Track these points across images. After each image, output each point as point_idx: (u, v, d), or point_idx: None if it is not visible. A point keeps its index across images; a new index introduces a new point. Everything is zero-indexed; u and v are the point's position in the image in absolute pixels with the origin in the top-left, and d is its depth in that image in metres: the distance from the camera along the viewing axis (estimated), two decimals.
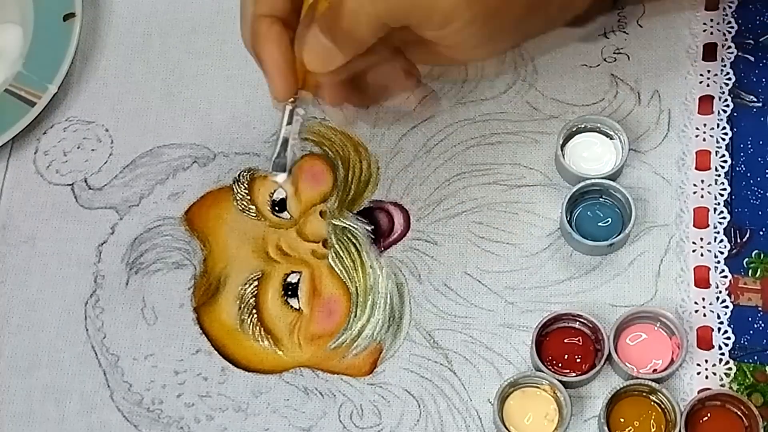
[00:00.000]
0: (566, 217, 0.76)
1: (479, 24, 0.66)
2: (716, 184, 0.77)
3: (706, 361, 0.74)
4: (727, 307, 0.75)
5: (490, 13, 0.65)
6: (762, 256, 0.76)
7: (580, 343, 0.74)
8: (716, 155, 0.78)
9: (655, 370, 0.73)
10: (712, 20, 0.82)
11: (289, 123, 0.71)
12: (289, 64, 0.69)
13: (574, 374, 0.73)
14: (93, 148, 0.82)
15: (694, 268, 0.76)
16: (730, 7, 0.82)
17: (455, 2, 0.64)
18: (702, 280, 0.75)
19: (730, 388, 0.73)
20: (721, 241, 0.76)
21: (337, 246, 0.78)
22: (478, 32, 0.67)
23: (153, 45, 0.85)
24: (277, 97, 0.71)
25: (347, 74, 0.71)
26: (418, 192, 0.79)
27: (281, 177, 0.72)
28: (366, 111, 0.81)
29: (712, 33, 0.81)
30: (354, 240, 0.78)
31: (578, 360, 0.73)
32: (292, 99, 0.71)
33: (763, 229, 0.76)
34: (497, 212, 0.78)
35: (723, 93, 0.80)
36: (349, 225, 0.79)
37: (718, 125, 0.79)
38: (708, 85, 0.80)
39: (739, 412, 0.71)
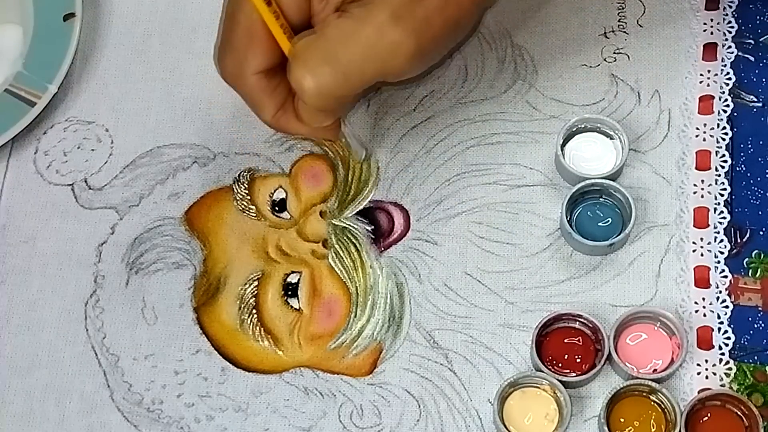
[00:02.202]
0: (566, 217, 0.76)
1: (426, 59, 0.71)
2: (716, 184, 0.77)
3: (706, 361, 0.74)
4: (727, 307, 0.75)
5: (430, 48, 0.70)
6: (762, 256, 0.76)
7: (580, 343, 0.74)
8: (716, 155, 0.78)
9: (655, 370, 0.73)
10: (712, 20, 0.82)
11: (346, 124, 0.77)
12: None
13: (574, 374, 0.73)
14: (93, 148, 0.82)
15: (694, 268, 0.76)
16: (730, 7, 0.82)
17: (406, 60, 0.69)
18: (702, 280, 0.75)
19: (730, 388, 0.73)
20: (721, 241, 0.76)
21: (337, 246, 0.78)
22: (425, 63, 0.72)
23: (153, 45, 0.85)
24: (332, 140, 0.79)
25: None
26: (418, 192, 0.79)
27: (363, 154, 0.79)
28: (366, 111, 0.81)
29: (712, 33, 0.81)
30: (354, 240, 0.78)
31: (578, 360, 0.73)
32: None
33: (763, 229, 0.76)
34: (497, 212, 0.78)
35: (723, 93, 0.80)
36: (349, 225, 0.79)
37: (718, 125, 0.79)
38: (708, 85, 0.80)
39: (739, 412, 0.71)
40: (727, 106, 0.79)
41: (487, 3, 0.75)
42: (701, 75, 0.80)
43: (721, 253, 0.76)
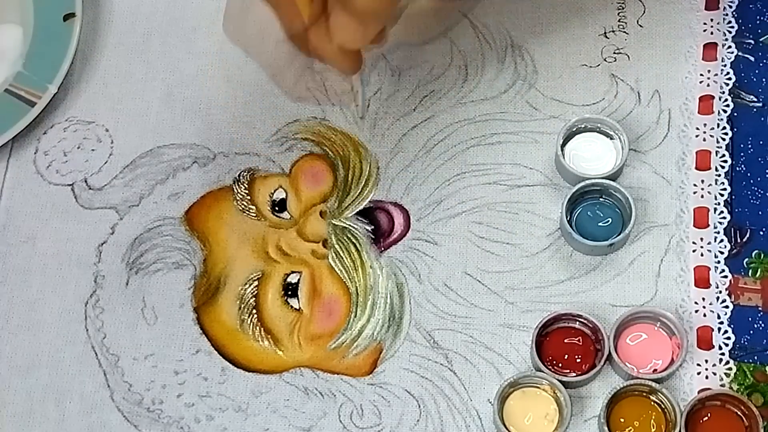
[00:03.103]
0: (566, 217, 0.76)
1: None
2: (716, 184, 0.77)
3: (706, 361, 0.74)
4: (727, 307, 0.75)
5: None
6: (762, 256, 0.76)
7: (580, 343, 0.74)
8: (716, 155, 0.78)
9: (655, 370, 0.73)
10: (712, 20, 0.82)
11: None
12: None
13: (574, 374, 0.73)
14: (93, 148, 0.82)
15: (694, 268, 0.76)
16: (730, 7, 0.82)
17: None
18: (702, 280, 0.75)
19: (730, 388, 0.73)
20: (721, 241, 0.76)
21: (337, 246, 0.78)
22: None
23: (153, 45, 0.85)
24: (353, 73, 0.73)
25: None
26: (418, 192, 0.79)
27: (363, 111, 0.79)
28: (367, 111, 0.81)
29: (712, 33, 0.81)
30: (354, 240, 0.78)
31: (578, 360, 0.73)
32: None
33: (763, 229, 0.76)
34: (497, 212, 0.78)
35: (723, 93, 0.80)
36: (349, 225, 0.79)
37: (718, 125, 0.79)
38: (708, 85, 0.80)
39: (739, 412, 0.71)
40: (727, 106, 0.79)
41: None
42: (701, 75, 0.80)
43: (721, 253, 0.76)
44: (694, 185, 0.78)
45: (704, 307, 0.75)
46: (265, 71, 0.81)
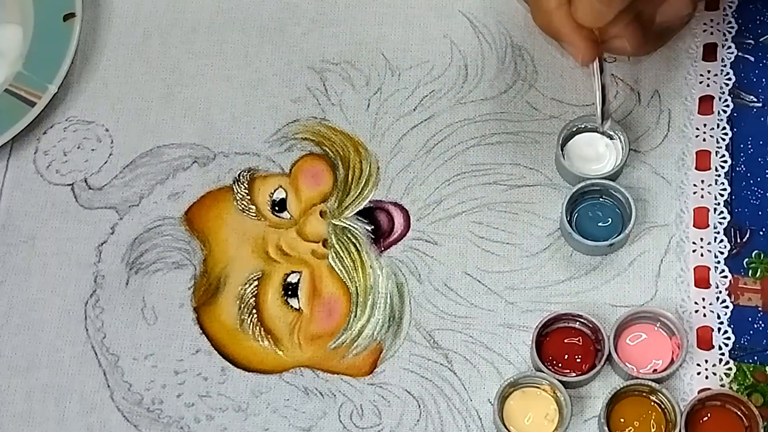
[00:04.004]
0: (566, 217, 0.76)
1: None
2: (716, 184, 0.77)
3: (706, 361, 0.74)
4: (727, 307, 0.75)
5: None
6: (762, 256, 0.76)
7: (580, 343, 0.74)
8: (716, 155, 0.78)
9: (655, 370, 0.73)
10: (712, 20, 0.82)
11: (602, 71, 0.75)
12: (586, 32, 0.72)
13: (574, 374, 0.73)
14: (93, 148, 0.82)
15: (694, 268, 0.76)
16: (730, 7, 0.82)
17: None
18: (702, 280, 0.75)
19: (730, 388, 0.73)
20: (721, 241, 0.76)
21: (337, 246, 0.78)
22: None
23: (153, 45, 0.85)
24: (585, 61, 0.74)
25: (630, 19, 0.72)
26: (418, 192, 0.79)
27: (607, 124, 0.77)
28: (366, 111, 0.81)
29: (712, 33, 0.81)
30: (354, 240, 0.78)
31: (578, 360, 0.73)
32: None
33: (763, 229, 0.76)
34: (497, 212, 0.78)
35: (723, 93, 0.80)
36: (349, 225, 0.79)
37: (718, 125, 0.79)
38: (708, 85, 0.80)
39: (739, 412, 0.71)
40: (727, 106, 0.79)
41: None
42: (701, 75, 0.80)
43: (721, 253, 0.76)
44: (694, 185, 0.78)
45: (704, 307, 0.75)
46: None
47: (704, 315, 0.75)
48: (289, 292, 0.77)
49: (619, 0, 0.70)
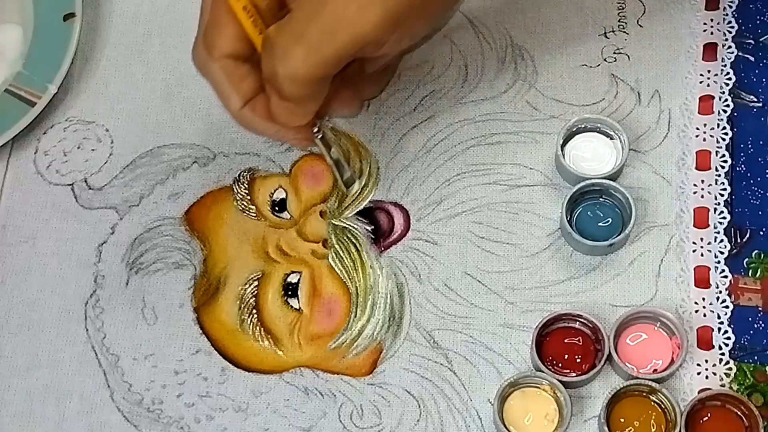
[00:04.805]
0: (566, 217, 0.76)
1: (402, 25, 0.66)
2: (716, 184, 0.77)
3: (706, 361, 0.74)
4: (727, 307, 0.75)
5: (402, 11, 0.65)
6: (762, 256, 0.76)
7: (580, 343, 0.74)
8: (716, 155, 0.78)
9: (655, 370, 0.73)
10: (712, 20, 0.82)
11: (328, 147, 0.73)
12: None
13: (574, 374, 0.73)
14: (93, 148, 0.82)
15: (694, 268, 0.76)
16: (730, 7, 0.82)
17: (376, 26, 0.64)
18: (702, 280, 0.75)
19: (731, 388, 0.73)
20: (721, 241, 0.76)
21: (337, 246, 0.78)
22: (401, 30, 0.66)
23: (153, 45, 0.85)
24: (303, 147, 0.76)
25: (337, 94, 0.71)
26: (418, 192, 0.79)
27: (356, 185, 0.78)
28: (366, 111, 0.81)
29: (712, 33, 0.81)
30: (354, 240, 0.78)
31: (578, 360, 0.73)
32: (315, 131, 0.72)
33: (763, 229, 0.76)
34: (497, 212, 0.78)
35: (723, 93, 0.80)
36: (349, 225, 0.79)
37: (718, 125, 0.79)
38: (708, 85, 0.80)
39: (739, 412, 0.71)
40: (727, 106, 0.79)
41: None
42: (701, 75, 0.80)
43: (721, 253, 0.76)
44: (694, 185, 0.78)
45: (704, 307, 0.75)
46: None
47: (704, 315, 0.75)
48: (289, 292, 0.77)
49: (315, 95, 0.68)
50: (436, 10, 0.69)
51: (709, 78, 0.80)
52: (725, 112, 0.79)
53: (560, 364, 0.73)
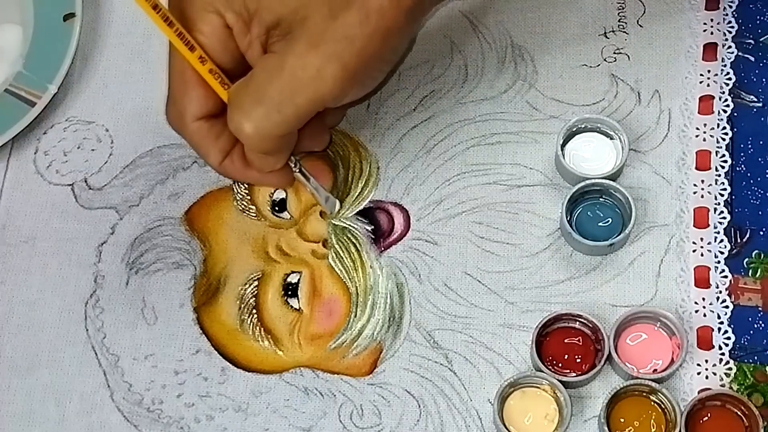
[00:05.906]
0: (566, 217, 0.76)
1: (360, 77, 0.69)
2: (716, 184, 0.77)
3: (707, 361, 0.74)
4: (727, 307, 0.75)
5: (360, 65, 0.68)
6: (762, 256, 0.76)
7: (580, 343, 0.74)
8: (716, 155, 0.78)
9: (655, 370, 0.73)
10: (712, 20, 0.82)
11: (308, 178, 0.76)
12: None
13: (574, 374, 0.73)
14: (93, 148, 0.82)
15: (694, 268, 0.76)
16: (730, 7, 0.82)
17: (336, 83, 0.67)
18: (702, 280, 0.75)
19: (731, 388, 0.73)
20: (721, 241, 0.76)
21: (337, 246, 0.78)
22: (361, 81, 0.70)
23: (153, 45, 0.85)
24: (284, 187, 0.79)
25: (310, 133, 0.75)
26: (418, 192, 0.79)
27: (337, 207, 0.79)
28: (367, 111, 0.81)
29: (712, 33, 0.81)
30: (354, 240, 0.78)
31: (578, 360, 0.73)
32: (293, 167, 0.75)
33: (763, 229, 0.76)
34: (497, 212, 0.78)
35: (723, 93, 0.80)
36: (349, 225, 0.79)
37: (718, 125, 0.79)
38: (708, 85, 0.80)
39: (739, 412, 0.71)
40: (727, 106, 0.79)
41: (421, 10, 0.71)
42: (701, 75, 0.80)
43: (721, 253, 0.76)
44: (694, 185, 0.78)
45: (704, 307, 0.75)
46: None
47: (704, 315, 0.75)
48: (289, 292, 0.77)
49: (283, 146, 0.72)
50: (394, 55, 0.72)
51: (709, 78, 0.80)
52: (725, 112, 0.79)
53: (560, 364, 0.73)
